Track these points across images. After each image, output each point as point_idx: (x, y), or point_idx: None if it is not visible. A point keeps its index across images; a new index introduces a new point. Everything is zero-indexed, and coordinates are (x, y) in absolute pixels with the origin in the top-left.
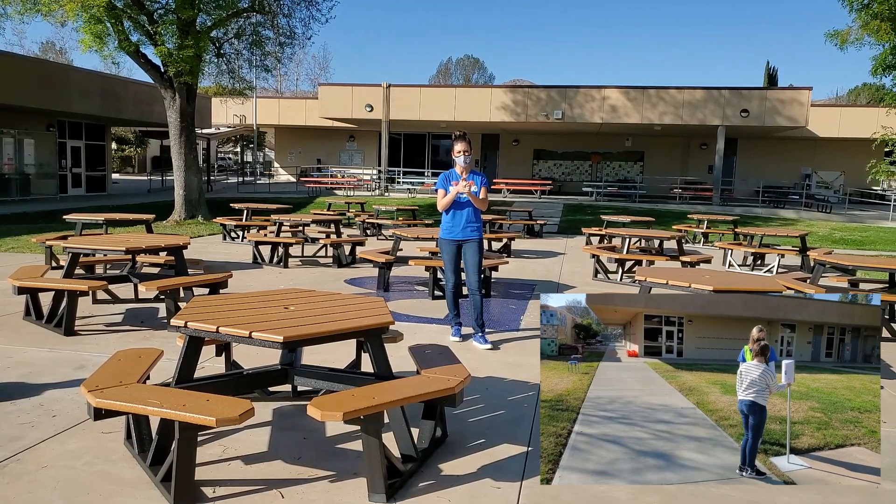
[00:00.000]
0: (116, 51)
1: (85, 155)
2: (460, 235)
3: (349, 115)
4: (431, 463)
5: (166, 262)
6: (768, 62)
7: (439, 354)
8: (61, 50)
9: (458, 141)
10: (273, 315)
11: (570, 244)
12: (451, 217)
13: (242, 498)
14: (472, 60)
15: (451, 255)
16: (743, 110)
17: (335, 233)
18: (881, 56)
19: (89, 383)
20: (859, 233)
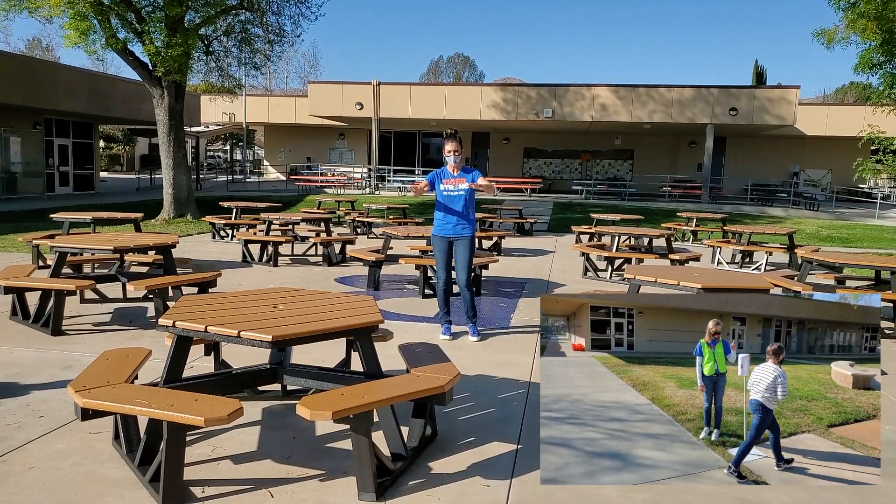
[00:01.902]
0: (104, 48)
1: (72, 153)
2: (451, 232)
3: (339, 113)
4: (421, 461)
5: (155, 261)
6: (757, 61)
7: (429, 353)
8: (48, 47)
9: (449, 140)
10: (262, 314)
11: (560, 242)
12: (444, 214)
13: (231, 498)
14: (463, 58)
15: (443, 251)
16: (732, 109)
17: (325, 231)
18: (865, 53)
19: (76, 383)
20: (846, 230)
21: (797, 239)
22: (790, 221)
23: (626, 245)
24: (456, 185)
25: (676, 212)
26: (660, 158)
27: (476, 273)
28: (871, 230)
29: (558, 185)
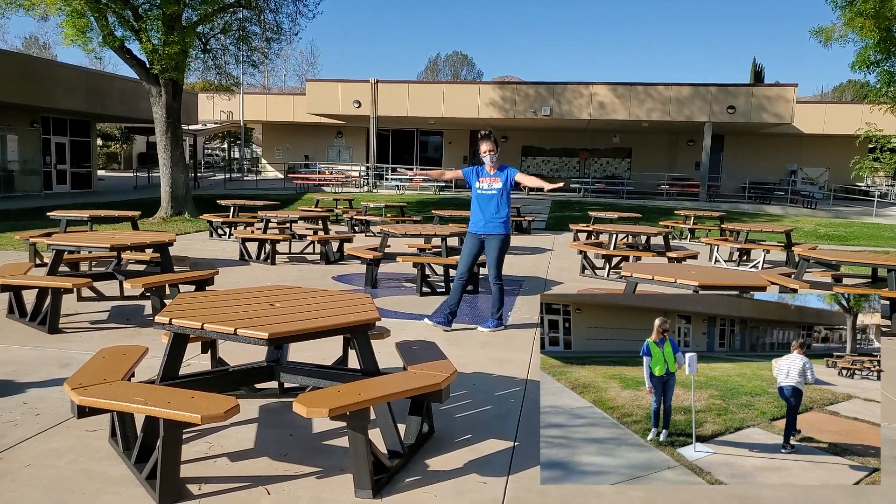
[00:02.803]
0: (101, 46)
1: (70, 151)
2: (483, 230)
3: (337, 111)
4: (418, 458)
5: (152, 259)
6: (755, 59)
7: (426, 350)
8: (45, 45)
9: (483, 140)
10: (258, 312)
11: (558, 240)
12: (477, 212)
13: (228, 495)
14: (461, 57)
15: (470, 247)
16: (729, 107)
17: (323, 229)
18: (863, 51)
19: (73, 381)
20: (843, 228)
21: (795, 237)
22: (788, 219)
23: (624, 243)
24: (490, 184)
25: (674, 210)
26: (658, 156)
27: (474, 271)
28: (868, 228)
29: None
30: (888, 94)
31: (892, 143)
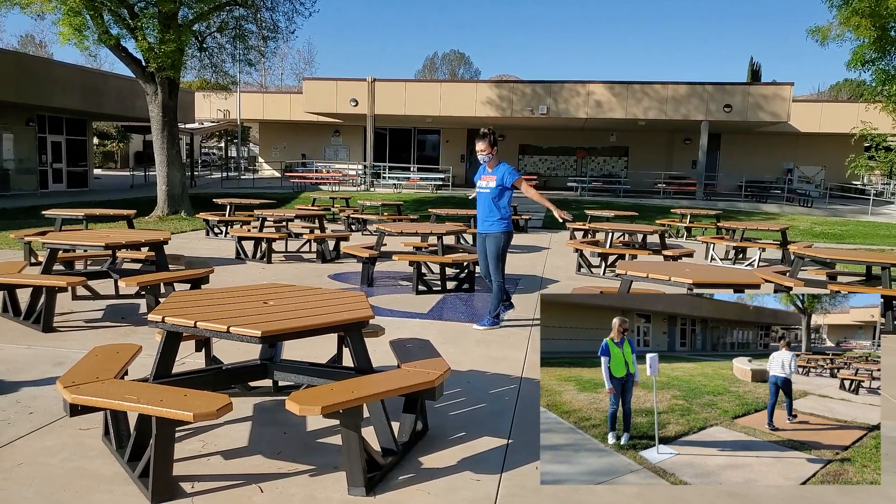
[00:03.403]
0: (97, 44)
1: (66, 150)
2: (481, 228)
3: (334, 109)
4: (412, 456)
5: (147, 257)
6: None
7: (420, 348)
8: (41, 43)
9: (478, 140)
10: (252, 310)
11: (555, 239)
12: (479, 210)
13: (221, 493)
14: (458, 55)
15: (479, 247)
16: (726, 105)
17: (319, 228)
18: (858, 50)
19: (65, 379)
20: (839, 227)
21: (791, 235)
22: (784, 218)
23: (620, 241)
24: (487, 182)
25: (671, 208)
26: (655, 155)
27: (470, 269)
28: (864, 226)
29: (554, 181)
30: (883, 92)
31: (888, 141)
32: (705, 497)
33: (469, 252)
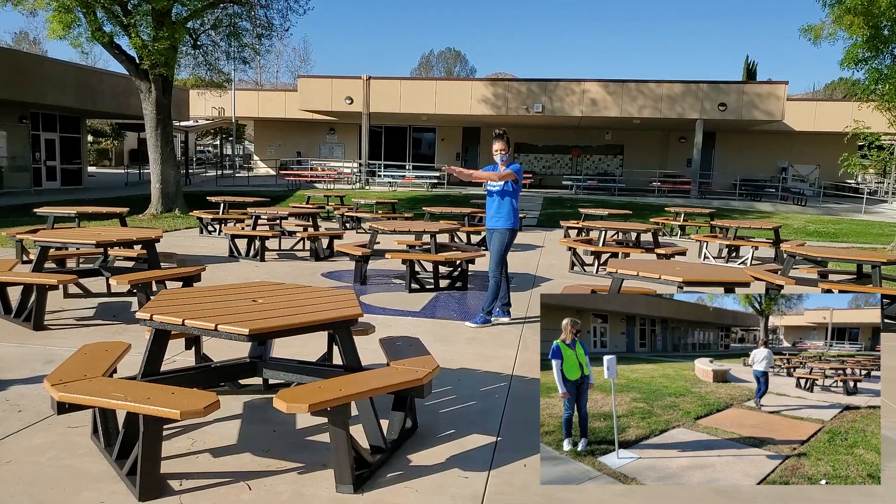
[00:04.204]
0: (90, 41)
1: (60, 147)
2: (488, 224)
3: (329, 107)
4: (401, 454)
5: (139, 255)
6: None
7: (409, 346)
8: (35, 40)
9: (495, 140)
10: (241, 308)
11: (549, 237)
12: (487, 208)
13: (209, 490)
14: (454, 53)
15: (487, 241)
16: (721, 104)
17: (313, 226)
18: (851, 49)
19: (53, 377)
20: (833, 225)
21: (785, 234)
22: (778, 216)
23: (614, 240)
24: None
25: (665, 207)
26: (650, 154)
27: (463, 268)
28: (857, 225)
29: (549, 180)
30: (876, 91)
31: (881, 140)
32: (692, 495)
33: (463, 250)
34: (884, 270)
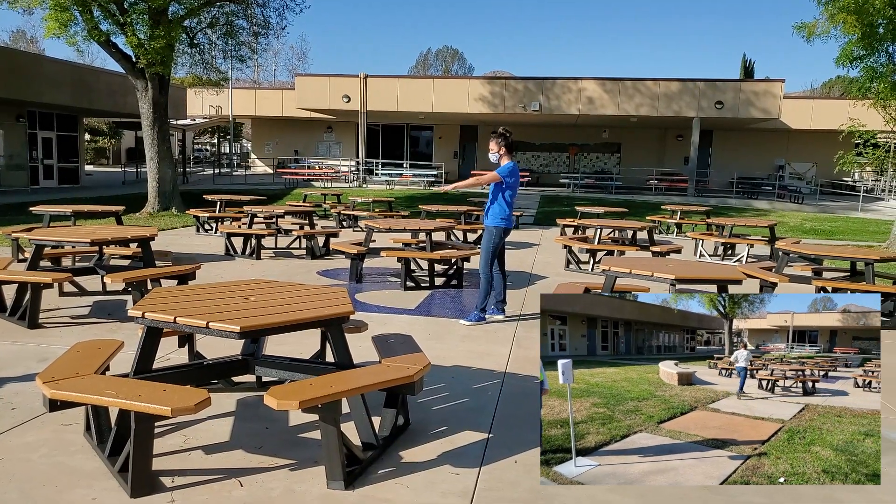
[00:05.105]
0: (86, 39)
1: (57, 146)
2: (484, 222)
3: (326, 105)
4: (392, 450)
5: (135, 254)
6: (745, 55)
7: (402, 343)
8: (32, 39)
9: (490, 139)
10: (233, 305)
11: (546, 235)
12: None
13: (201, 487)
14: (452, 51)
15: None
16: (717, 102)
17: (309, 224)
18: (846, 47)
19: (45, 375)
20: (829, 223)
21: (781, 232)
22: (775, 214)
23: (609, 238)
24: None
25: (662, 205)
26: (647, 152)
27: (458, 266)
28: (853, 223)
29: (546, 178)
30: (871, 89)
31: (876, 138)
32: (685, 492)
33: (458, 248)
34: (878, 268)
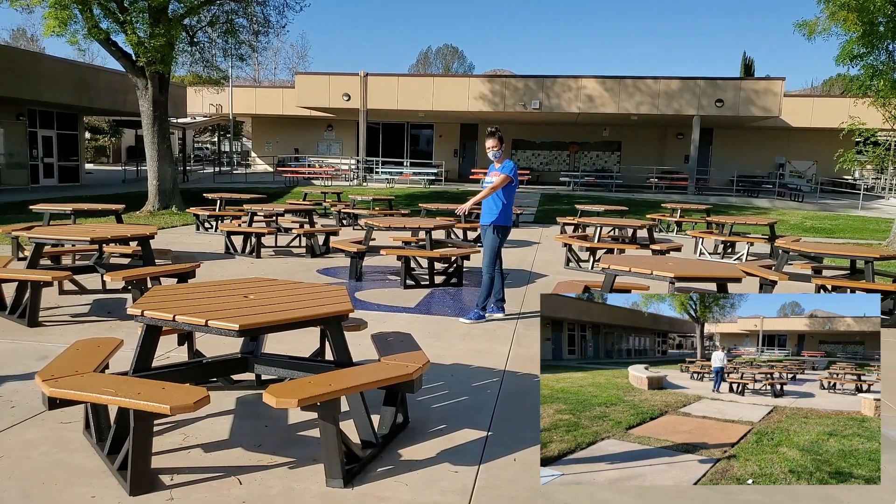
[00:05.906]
0: (86, 38)
1: (57, 144)
2: (481, 222)
3: (327, 104)
4: (391, 448)
5: (135, 252)
6: (745, 53)
7: (401, 342)
8: (33, 37)
9: (487, 138)
10: (232, 304)
11: (546, 233)
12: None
13: (200, 485)
14: (452, 50)
15: (482, 237)
16: (718, 100)
17: (309, 223)
18: (847, 45)
19: (44, 373)
20: (829, 221)
21: (782, 230)
22: (775, 212)
23: (609, 236)
24: (492, 178)
25: (662, 203)
26: (647, 150)
27: (458, 264)
28: (853, 221)
29: (546, 176)
30: (871, 87)
31: (876, 136)
32: (684, 491)
33: (458, 247)
34: (878, 266)
